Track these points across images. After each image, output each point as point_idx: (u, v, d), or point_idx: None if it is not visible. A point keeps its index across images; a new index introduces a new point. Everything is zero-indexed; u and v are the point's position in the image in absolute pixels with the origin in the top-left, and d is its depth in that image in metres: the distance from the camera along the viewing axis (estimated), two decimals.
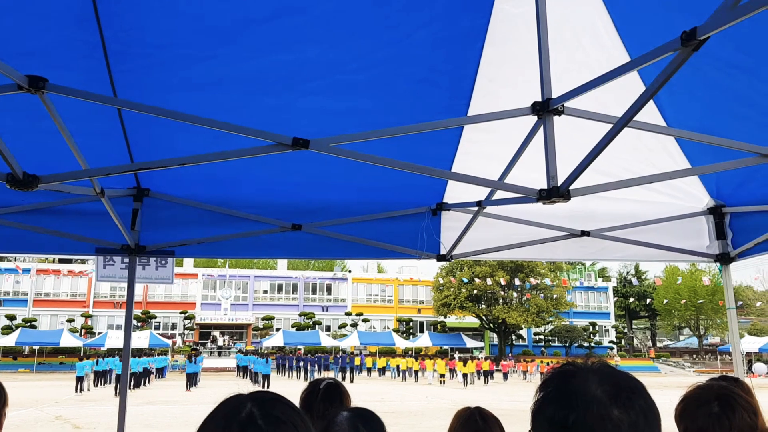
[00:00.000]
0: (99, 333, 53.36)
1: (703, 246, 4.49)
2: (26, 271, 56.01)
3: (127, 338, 4.37)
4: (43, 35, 2.70)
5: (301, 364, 43.08)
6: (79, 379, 30.79)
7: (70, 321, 55.68)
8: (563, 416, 1.18)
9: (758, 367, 49.17)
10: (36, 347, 49.09)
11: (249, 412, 1.18)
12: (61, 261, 57.91)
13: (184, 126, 2.81)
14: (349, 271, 67.53)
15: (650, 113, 3.29)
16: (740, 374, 4.21)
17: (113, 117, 3.24)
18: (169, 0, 2.63)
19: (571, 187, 2.59)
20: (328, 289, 65.64)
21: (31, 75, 2.34)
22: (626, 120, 2.25)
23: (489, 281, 52.18)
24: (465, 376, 39.15)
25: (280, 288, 64.71)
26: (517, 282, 53.82)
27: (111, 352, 40.27)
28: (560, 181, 2.60)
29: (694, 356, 67.76)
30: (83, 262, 56.97)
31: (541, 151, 2.63)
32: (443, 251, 4.57)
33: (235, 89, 3.17)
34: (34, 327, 53.24)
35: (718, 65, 2.86)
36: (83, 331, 54.92)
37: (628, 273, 79.64)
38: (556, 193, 2.55)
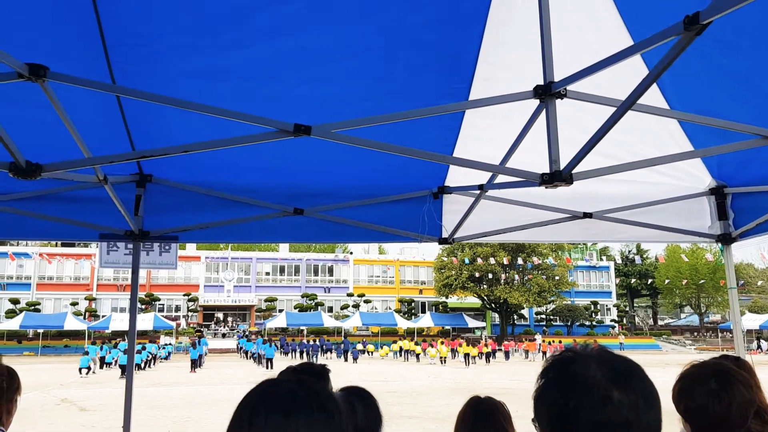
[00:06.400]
0: (103, 316, 53.70)
1: (705, 226, 4.49)
2: (22, 255, 55.84)
3: (132, 323, 4.40)
4: (40, 23, 2.69)
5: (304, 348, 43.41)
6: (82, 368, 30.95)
7: (73, 304, 55.94)
8: (564, 401, 1.20)
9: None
10: (40, 330, 49.40)
11: (290, 387, 1.21)
12: (63, 245, 58.03)
13: (184, 113, 2.80)
14: (351, 253, 67.68)
15: (653, 95, 3.27)
16: (741, 352, 4.24)
17: (112, 105, 3.24)
18: None
19: (573, 171, 2.59)
20: (330, 271, 65.84)
21: (31, 63, 2.33)
22: (629, 104, 2.25)
23: (492, 260, 52.23)
24: (467, 355, 39.39)
25: (282, 270, 64.92)
26: (519, 261, 53.92)
27: (116, 336, 40.50)
28: (563, 165, 2.59)
29: (695, 334, 68.09)
30: (86, 245, 57.10)
31: (543, 134, 2.62)
32: (445, 234, 4.57)
33: (233, 76, 3.15)
34: (38, 311, 53.52)
35: (720, 47, 2.85)
36: (87, 314, 55.20)
37: (630, 252, 79.75)
38: (558, 177, 2.55)
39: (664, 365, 31.43)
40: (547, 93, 2.60)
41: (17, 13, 2.61)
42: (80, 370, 30.73)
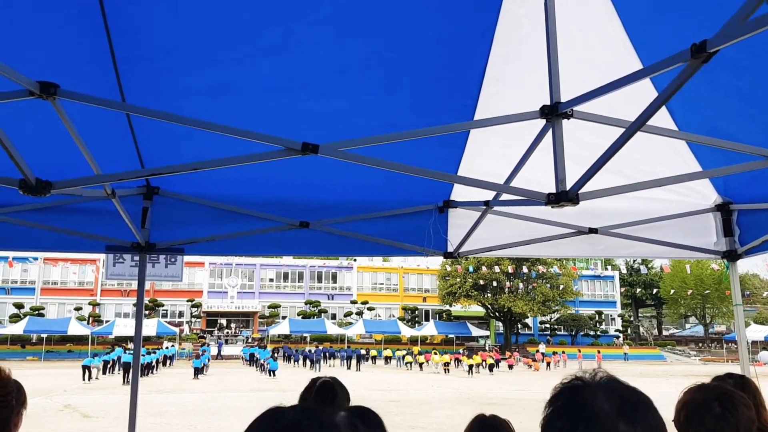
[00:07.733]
0: (107, 321, 53.71)
1: (711, 243, 4.49)
2: (24, 260, 55.80)
3: (138, 332, 4.41)
4: (51, 41, 2.71)
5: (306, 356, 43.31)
6: (86, 368, 30.95)
7: (77, 309, 56.00)
8: (571, 430, 1.20)
9: (763, 355, 49.14)
10: (44, 335, 49.43)
11: (295, 416, 1.19)
12: None
13: (192, 129, 2.82)
14: (354, 260, 67.57)
15: (660, 116, 3.27)
16: (746, 368, 4.23)
17: (122, 120, 3.26)
18: (176, 4, 2.64)
19: (579, 191, 2.60)
20: (334, 278, 65.78)
21: (42, 81, 2.35)
22: (636, 127, 2.25)
23: (496, 269, 52.09)
24: (471, 366, 39.27)
25: (285, 276, 64.88)
26: (524, 270, 53.78)
27: (119, 341, 40.46)
28: (569, 184, 2.60)
29: (700, 345, 67.74)
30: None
31: (549, 151, 2.63)
32: (450, 248, 4.58)
33: (241, 92, 3.17)
34: (42, 315, 53.59)
35: (727, 67, 2.85)
36: (91, 319, 55.24)
37: (634, 262, 79.45)
38: (564, 197, 2.56)
39: (668, 376, 31.32)
40: (554, 113, 2.62)
41: (27, 31, 2.63)
42: (83, 373, 30.72)
